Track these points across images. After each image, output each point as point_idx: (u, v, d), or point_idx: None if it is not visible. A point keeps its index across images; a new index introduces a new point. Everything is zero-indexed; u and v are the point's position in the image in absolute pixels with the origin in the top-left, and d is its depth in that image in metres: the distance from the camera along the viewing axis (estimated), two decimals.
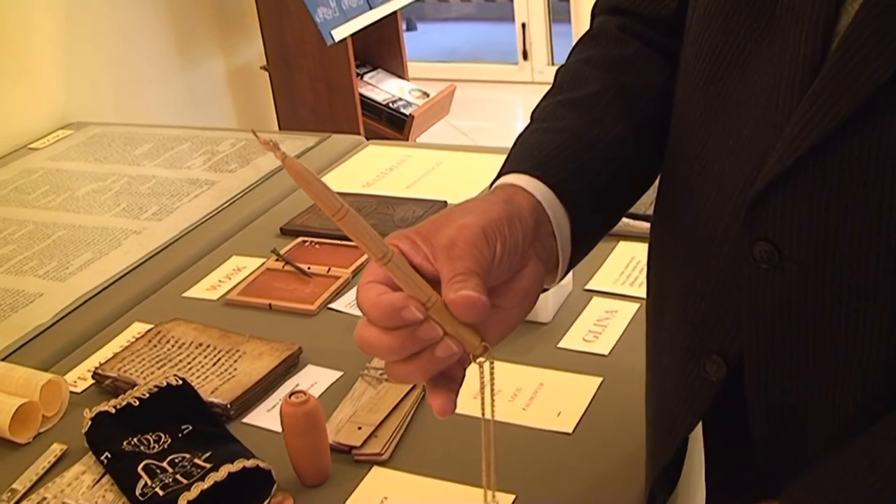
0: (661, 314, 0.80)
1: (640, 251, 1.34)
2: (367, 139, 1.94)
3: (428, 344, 0.62)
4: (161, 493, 0.94)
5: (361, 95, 2.89)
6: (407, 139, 3.00)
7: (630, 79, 0.79)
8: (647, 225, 1.37)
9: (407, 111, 3.02)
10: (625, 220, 1.40)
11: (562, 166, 0.72)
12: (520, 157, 0.73)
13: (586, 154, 0.74)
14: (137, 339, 1.24)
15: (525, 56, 4.83)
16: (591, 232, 0.75)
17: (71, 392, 1.16)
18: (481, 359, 0.66)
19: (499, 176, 0.73)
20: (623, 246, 1.37)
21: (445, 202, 1.55)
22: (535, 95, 0.84)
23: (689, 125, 0.74)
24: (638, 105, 0.78)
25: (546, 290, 0.72)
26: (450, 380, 0.67)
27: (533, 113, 0.80)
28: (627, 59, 0.80)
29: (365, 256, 1.41)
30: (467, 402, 1.08)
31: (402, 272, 0.61)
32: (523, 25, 4.75)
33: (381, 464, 1.00)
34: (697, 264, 0.73)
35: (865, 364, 0.64)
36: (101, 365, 1.19)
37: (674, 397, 0.77)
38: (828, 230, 0.63)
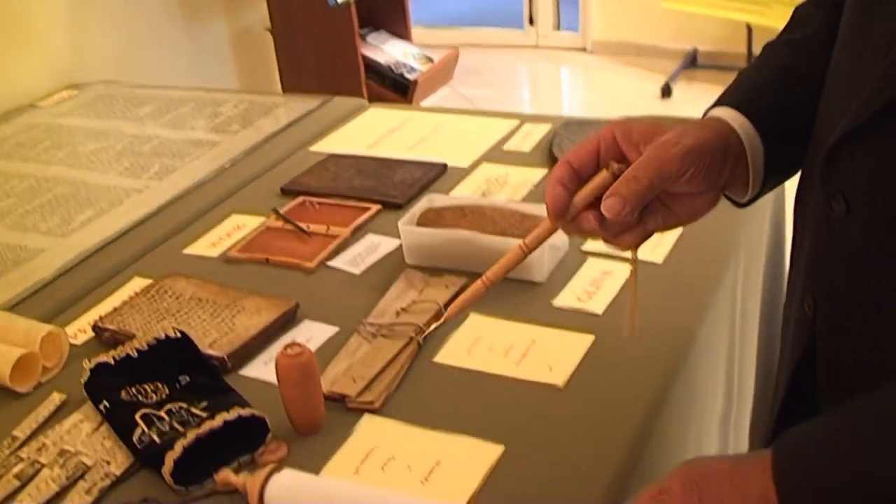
0: (792, 258, 0.85)
1: None
2: (371, 103, 1.95)
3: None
4: (157, 440, 0.96)
5: (364, 57, 2.89)
6: (410, 104, 3.01)
7: None
8: None
9: (411, 76, 3.03)
10: None
11: (766, 102, 0.81)
12: (733, 92, 0.83)
13: (795, 88, 0.82)
14: (137, 294, 1.26)
15: (531, 21, 4.82)
16: (786, 162, 0.83)
17: (71, 344, 1.18)
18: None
19: (714, 106, 0.82)
20: None
21: (445, 165, 1.56)
22: (541, 61, 0.87)
23: (834, 59, 0.78)
24: None
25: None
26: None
27: (763, 47, 0.89)
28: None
29: (363, 217, 1.42)
30: (460, 355, 1.11)
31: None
32: None
33: (374, 412, 1.02)
34: (809, 203, 0.78)
35: None
36: (101, 318, 1.21)
37: (787, 334, 0.84)
38: (889, 189, 0.65)
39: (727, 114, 0.80)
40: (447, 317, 0.80)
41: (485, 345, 1.11)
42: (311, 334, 1.17)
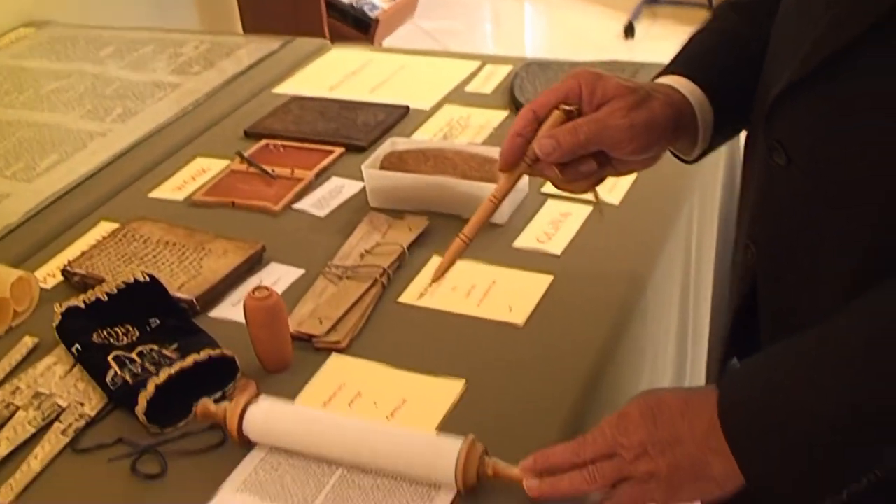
0: (739, 205, 0.90)
1: None
2: (333, 42, 1.95)
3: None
4: (130, 380, 0.99)
5: None
6: (373, 42, 3.00)
7: None
8: None
9: (373, 14, 3.02)
10: None
11: (715, 68, 0.86)
12: (684, 58, 0.89)
13: (742, 52, 0.86)
14: (105, 238, 1.28)
15: None
16: (733, 122, 0.88)
17: (41, 288, 1.20)
18: None
19: (667, 70, 0.88)
20: None
21: (407, 107, 1.58)
22: None
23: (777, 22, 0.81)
24: None
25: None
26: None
27: (713, 10, 0.94)
28: None
29: (327, 160, 1.44)
30: (424, 297, 1.14)
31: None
32: None
33: (340, 351, 1.05)
34: (754, 154, 0.82)
35: (849, 255, 0.70)
36: (69, 262, 1.23)
37: (733, 278, 0.89)
38: (827, 140, 0.69)
39: (679, 82, 0.84)
40: (435, 279, 0.84)
41: (447, 285, 1.15)
42: (278, 276, 1.20)
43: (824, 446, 0.67)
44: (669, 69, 0.88)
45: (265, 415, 0.92)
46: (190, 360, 0.99)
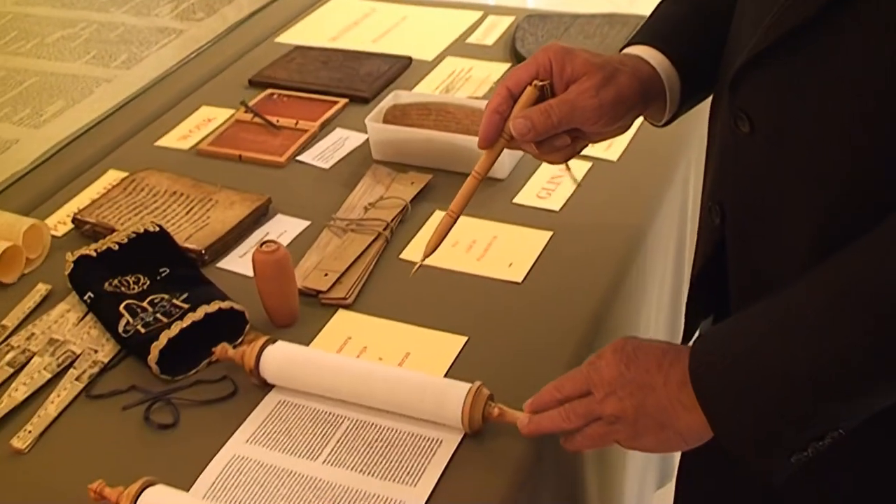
0: (705, 167, 0.93)
1: None
2: None
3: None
4: (142, 330, 1.02)
5: None
6: None
7: None
8: None
9: None
10: None
11: (683, 39, 0.89)
12: (653, 29, 0.91)
13: (710, 23, 0.89)
14: (114, 187, 1.30)
15: None
16: (701, 91, 0.92)
17: (52, 236, 1.23)
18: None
19: (631, 42, 0.91)
20: None
21: (410, 58, 1.59)
22: None
23: None
24: None
25: None
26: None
27: None
28: None
29: (331, 111, 1.46)
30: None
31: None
32: None
33: (346, 307, 1.08)
34: (719, 120, 0.84)
35: (812, 219, 0.73)
36: (79, 211, 1.25)
37: (699, 241, 0.93)
38: (790, 110, 0.72)
39: (648, 53, 0.88)
40: (426, 255, 0.86)
41: (449, 241, 1.16)
42: (284, 228, 1.23)
43: (790, 406, 0.71)
44: (638, 39, 0.91)
45: (282, 355, 0.96)
46: (200, 312, 1.02)
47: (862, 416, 0.71)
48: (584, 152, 0.93)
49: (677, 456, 1.47)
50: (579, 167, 1.30)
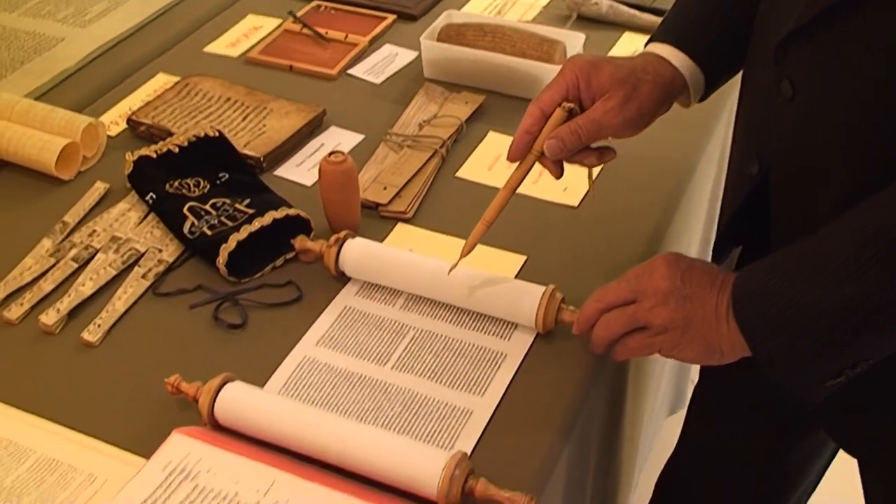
0: (737, 121, 0.98)
1: (642, 43, 1.41)
2: None
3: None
4: (209, 232, 1.04)
5: None
6: None
7: None
8: (653, 17, 1.44)
9: None
10: (631, 11, 1.46)
11: (706, 37, 0.94)
12: (674, 27, 0.97)
13: (732, 13, 0.93)
14: (167, 90, 1.30)
15: None
16: (724, 80, 0.99)
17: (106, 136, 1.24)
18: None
19: (652, 40, 0.96)
20: (627, 37, 1.44)
21: None
22: None
23: None
24: None
25: None
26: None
27: None
28: None
29: (380, 27, 1.46)
30: (481, 172, 1.19)
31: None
32: None
33: (406, 221, 1.10)
34: (757, 83, 0.89)
35: (847, 169, 0.78)
36: (134, 112, 1.26)
37: (729, 185, 0.98)
38: (834, 75, 0.76)
39: (670, 53, 0.94)
40: (462, 257, 0.92)
41: (503, 162, 1.18)
42: (339, 140, 1.24)
43: (824, 338, 0.75)
44: (660, 37, 0.96)
45: (363, 249, 1.00)
46: (269, 217, 1.03)
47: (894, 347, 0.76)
48: None
49: (687, 389, 1.54)
50: None
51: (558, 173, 0.93)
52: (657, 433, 1.51)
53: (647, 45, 0.98)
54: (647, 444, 1.41)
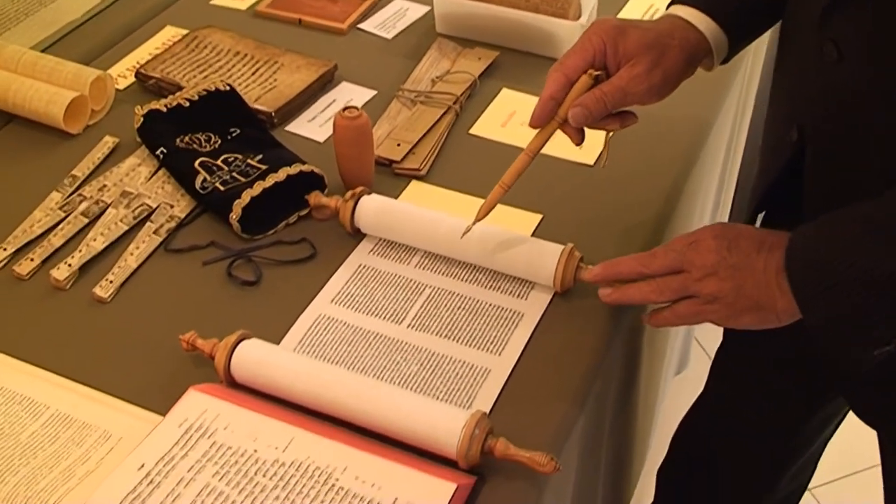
0: (775, 85, 0.97)
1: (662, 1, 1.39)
2: None
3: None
4: (221, 188, 1.03)
5: None
6: None
7: None
8: None
9: None
10: None
11: (733, 4, 0.92)
12: None
13: None
14: (175, 43, 1.28)
15: None
16: (746, 44, 0.97)
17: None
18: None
19: (676, 1, 0.94)
20: None
21: None
22: None
23: None
24: None
25: None
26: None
27: None
28: None
29: None
30: (495, 129, 1.18)
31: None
32: None
33: (420, 178, 1.09)
34: (797, 48, 0.87)
35: (889, 146, 0.77)
36: (142, 65, 1.24)
37: (767, 152, 0.97)
38: (878, 41, 0.75)
39: (696, 17, 0.92)
40: (478, 219, 0.91)
41: (517, 119, 1.18)
42: (350, 96, 1.22)
43: (877, 304, 0.74)
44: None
45: (378, 205, 0.99)
46: (282, 173, 1.02)
47: None
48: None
49: (691, 349, 1.53)
50: None
51: (579, 140, 0.92)
52: (665, 393, 1.51)
53: (669, 6, 0.96)
54: (660, 402, 1.42)
